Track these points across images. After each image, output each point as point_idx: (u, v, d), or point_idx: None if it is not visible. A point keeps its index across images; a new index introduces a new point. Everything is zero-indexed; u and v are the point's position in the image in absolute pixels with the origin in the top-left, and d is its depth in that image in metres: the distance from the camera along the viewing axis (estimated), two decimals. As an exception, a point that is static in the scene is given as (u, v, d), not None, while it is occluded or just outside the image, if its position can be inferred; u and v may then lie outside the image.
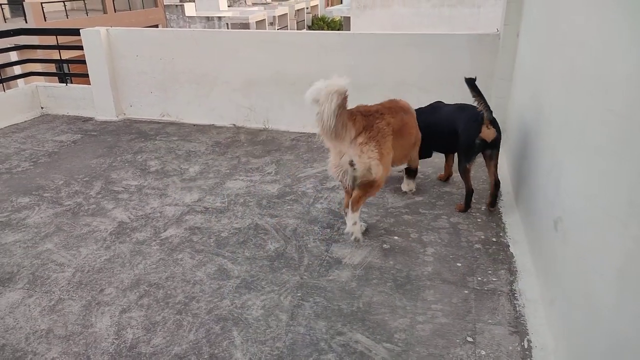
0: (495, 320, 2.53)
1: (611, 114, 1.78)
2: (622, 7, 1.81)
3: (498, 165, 3.59)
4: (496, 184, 3.61)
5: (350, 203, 3.23)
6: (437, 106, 3.96)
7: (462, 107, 3.70)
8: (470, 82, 3.40)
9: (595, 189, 1.90)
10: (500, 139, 3.51)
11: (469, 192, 3.63)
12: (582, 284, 1.96)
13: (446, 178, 4.18)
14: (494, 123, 3.45)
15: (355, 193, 3.20)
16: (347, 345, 2.39)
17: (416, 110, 3.76)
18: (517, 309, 2.61)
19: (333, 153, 3.21)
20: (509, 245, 3.20)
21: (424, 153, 3.96)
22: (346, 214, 3.33)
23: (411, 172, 3.92)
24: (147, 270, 3.03)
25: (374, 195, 3.40)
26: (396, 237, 3.33)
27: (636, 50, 1.62)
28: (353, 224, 3.24)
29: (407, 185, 3.98)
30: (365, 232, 3.39)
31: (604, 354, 1.68)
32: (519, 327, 2.47)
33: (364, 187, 3.18)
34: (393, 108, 3.37)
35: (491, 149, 3.51)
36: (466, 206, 3.65)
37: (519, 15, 4.43)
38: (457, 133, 3.59)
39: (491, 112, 3.42)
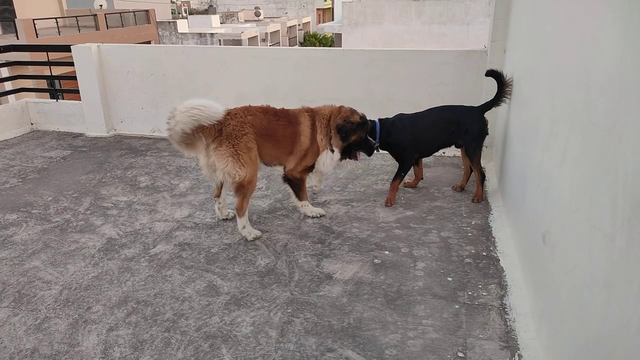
0: (486, 335, 2.52)
1: (593, 127, 1.80)
2: (603, 23, 1.85)
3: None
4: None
5: (235, 210, 3.53)
6: (416, 116, 4.10)
7: (452, 109, 4.10)
8: (495, 74, 3.90)
9: (580, 202, 1.92)
10: None
11: (484, 177, 4.10)
12: (570, 297, 1.97)
13: (417, 182, 4.37)
14: None
15: (236, 200, 3.50)
16: (337, 362, 2.36)
17: (386, 124, 4.00)
18: (508, 323, 2.60)
19: (201, 156, 3.47)
20: (499, 260, 3.21)
21: (409, 162, 4.12)
22: (217, 204, 3.81)
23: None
24: (135, 287, 2.99)
25: (247, 193, 3.45)
26: (387, 252, 3.32)
27: (616, 65, 1.65)
28: (242, 227, 3.52)
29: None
30: (356, 247, 3.39)
31: (593, 367, 1.67)
32: (509, 342, 2.47)
33: (236, 191, 3.43)
34: (253, 109, 3.52)
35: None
36: (483, 191, 4.11)
37: (506, 32, 4.51)
38: (456, 131, 3.97)
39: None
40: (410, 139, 3.98)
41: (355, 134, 3.67)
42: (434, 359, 2.37)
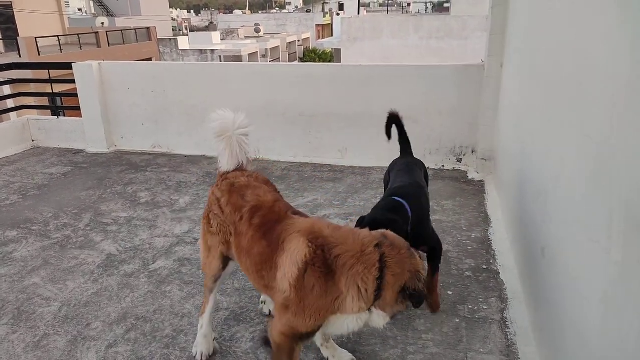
0: (487, 349, 2.50)
1: (588, 140, 1.82)
2: (596, 39, 1.88)
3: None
4: None
5: None
6: (412, 176, 3.03)
7: (414, 159, 3.29)
8: (394, 118, 3.29)
9: (577, 215, 1.93)
10: None
11: None
12: (569, 310, 1.96)
13: None
14: None
15: None
16: (337, 378, 2.35)
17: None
18: (509, 337, 2.59)
19: None
20: (499, 273, 3.20)
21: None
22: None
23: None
24: (134, 303, 2.98)
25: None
26: (386, 266, 3.31)
27: (610, 78, 1.67)
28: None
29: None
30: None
31: (593, 381, 1.67)
32: (510, 356, 2.45)
33: None
34: (245, 187, 2.34)
35: None
36: None
37: (502, 47, 4.56)
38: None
39: None
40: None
41: None
42: (435, 374, 2.36)
